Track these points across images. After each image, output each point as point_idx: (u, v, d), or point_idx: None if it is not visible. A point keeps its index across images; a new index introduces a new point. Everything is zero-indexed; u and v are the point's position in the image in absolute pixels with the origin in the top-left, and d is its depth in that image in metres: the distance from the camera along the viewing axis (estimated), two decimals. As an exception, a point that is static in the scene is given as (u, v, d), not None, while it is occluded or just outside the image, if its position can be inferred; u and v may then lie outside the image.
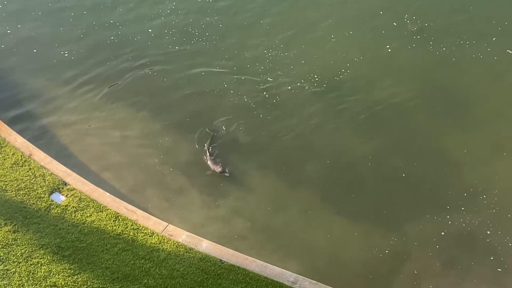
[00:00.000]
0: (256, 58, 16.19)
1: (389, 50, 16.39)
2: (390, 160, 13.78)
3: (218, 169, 13.37)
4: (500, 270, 11.68)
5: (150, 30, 16.97)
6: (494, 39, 16.52)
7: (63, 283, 10.75)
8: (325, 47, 16.51)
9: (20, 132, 13.83)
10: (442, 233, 12.30)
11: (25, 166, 12.82)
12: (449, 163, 13.67)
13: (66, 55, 16.24)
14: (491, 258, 11.84)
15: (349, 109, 14.96)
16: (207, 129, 14.35)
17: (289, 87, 15.46)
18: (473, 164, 13.65)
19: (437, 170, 13.57)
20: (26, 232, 11.55)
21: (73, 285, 10.71)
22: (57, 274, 10.89)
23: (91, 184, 12.61)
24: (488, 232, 12.30)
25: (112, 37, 16.73)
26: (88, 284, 10.76)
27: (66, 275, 10.89)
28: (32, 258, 11.13)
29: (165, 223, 11.96)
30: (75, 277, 10.86)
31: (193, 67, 16.08)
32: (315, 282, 10.99)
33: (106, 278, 10.87)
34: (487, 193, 13.00)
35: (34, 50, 16.31)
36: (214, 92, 15.42)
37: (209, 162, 13.56)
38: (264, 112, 14.93)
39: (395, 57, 16.29)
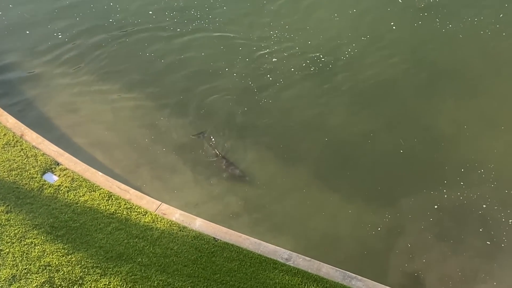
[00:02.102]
0: (254, 36, 16.50)
1: (394, 27, 16.65)
2: (385, 136, 14.06)
3: (237, 173, 13.41)
4: (489, 243, 12.01)
5: (150, 12, 17.25)
6: (501, 15, 16.77)
7: (57, 263, 11.11)
8: (329, 25, 16.77)
9: (12, 113, 14.17)
10: (435, 207, 12.66)
11: (17, 146, 13.16)
12: (445, 138, 13.95)
13: (60, 36, 16.60)
14: (485, 232, 12.19)
15: (344, 87, 15.22)
16: (200, 135, 14.24)
17: (285, 64, 15.73)
18: (469, 139, 13.93)
19: (433, 145, 13.85)
20: (19, 212, 11.90)
21: (67, 265, 11.06)
22: (51, 254, 11.24)
23: (84, 164, 12.91)
24: (484, 206, 12.65)
25: (110, 20, 17.01)
26: (82, 263, 11.10)
27: (60, 254, 11.24)
28: (26, 238, 11.48)
29: (158, 202, 12.28)
30: (69, 256, 11.23)
31: (189, 46, 16.39)
32: (309, 259, 11.34)
33: (100, 257, 11.22)
34: (485, 167, 13.32)
35: (27, 32, 16.65)
36: (208, 71, 15.70)
37: (225, 167, 13.53)
38: (258, 90, 15.17)
39: (399, 34, 16.55)
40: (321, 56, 15.90)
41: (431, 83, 15.29)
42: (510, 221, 12.21)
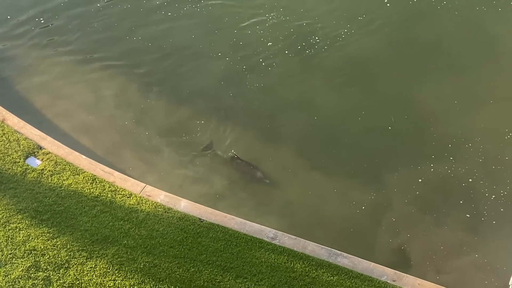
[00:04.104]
0: (239, 13, 16.87)
1: (388, 4, 16.93)
2: (372, 113, 14.45)
3: (258, 175, 13.54)
4: (472, 216, 12.50)
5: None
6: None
7: (42, 247, 11.52)
8: (317, 2, 17.20)
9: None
10: (420, 180, 13.15)
11: (-2, 131, 13.56)
12: (433, 114, 14.33)
13: (42, 21, 16.95)
14: (469, 205, 12.67)
15: (326, 65, 15.59)
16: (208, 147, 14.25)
17: (270, 42, 16.09)
18: (457, 114, 14.33)
19: (421, 121, 14.24)
20: (2, 197, 12.24)
21: (53, 249, 11.47)
22: (36, 238, 11.65)
23: (67, 147, 13.26)
24: (470, 180, 13.14)
25: (92, 9, 17.33)
26: (68, 247, 11.52)
27: (45, 238, 11.66)
28: (10, 223, 11.86)
29: (143, 184, 12.68)
30: (54, 240, 11.65)
31: (172, 26, 16.71)
32: (295, 237, 11.80)
33: (85, 241, 11.64)
34: (472, 141, 13.76)
35: (8, 17, 17.00)
36: (191, 49, 16.07)
37: (244, 169, 13.66)
38: (243, 69, 15.50)
39: (392, 10, 16.86)
40: (308, 33, 16.29)
41: (418, 60, 15.66)
42: (493, 196, 12.75)
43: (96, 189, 12.50)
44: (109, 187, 12.56)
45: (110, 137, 14.22)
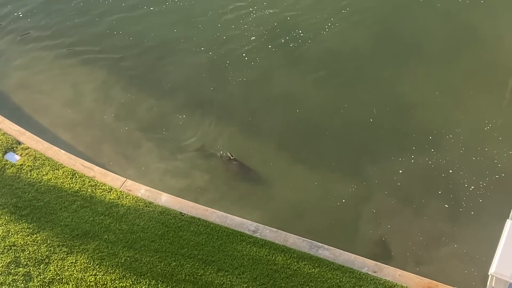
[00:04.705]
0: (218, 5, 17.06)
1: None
2: (353, 106, 14.63)
3: (251, 174, 13.65)
4: (452, 207, 12.68)
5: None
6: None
7: (22, 243, 11.56)
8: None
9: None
10: (400, 171, 13.39)
11: (-24, 126, 13.59)
12: (413, 106, 14.52)
13: (20, 15, 16.96)
14: (448, 196, 12.85)
15: (309, 58, 15.77)
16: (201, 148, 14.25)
17: (252, 38, 16.26)
18: (437, 106, 14.54)
19: (401, 114, 14.43)
20: (-19, 193, 12.39)
21: (33, 244, 11.52)
22: (16, 233, 11.68)
23: (46, 142, 13.32)
24: (450, 171, 13.35)
25: (72, 3, 17.37)
26: (48, 242, 11.58)
27: (25, 234, 11.71)
28: (-11, 219, 11.95)
29: (123, 179, 12.77)
30: (34, 236, 11.70)
31: (153, 20, 16.84)
32: (276, 230, 11.94)
33: (66, 236, 11.70)
34: (453, 133, 13.94)
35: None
36: (172, 44, 16.19)
37: (237, 169, 13.76)
38: (224, 63, 15.65)
39: (372, 2, 17.15)
40: (291, 27, 16.45)
41: (400, 52, 15.84)
42: (472, 187, 12.99)
43: (76, 184, 12.58)
44: (89, 182, 12.65)
45: (90, 132, 14.30)
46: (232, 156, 13.72)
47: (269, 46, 16.01)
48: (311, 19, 16.62)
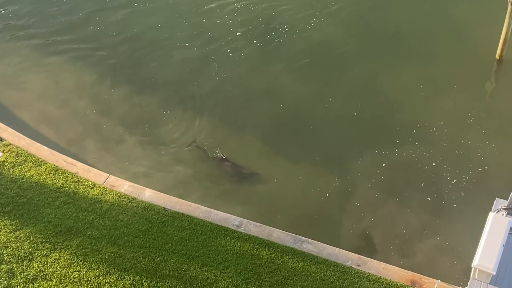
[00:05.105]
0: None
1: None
2: (336, 101, 14.73)
3: (244, 171, 13.66)
4: (434, 200, 12.84)
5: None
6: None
7: (5, 239, 11.55)
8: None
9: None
10: (383, 165, 13.52)
11: (-43, 123, 13.56)
12: (397, 100, 14.67)
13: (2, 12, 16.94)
14: (431, 189, 13.01)
15: (293, 54, 15.87)
16: (193, 144, 14.24)
17: (238, 34, 16.33)
18: (420, 99, 14.69)
19: (385, 108, 14.56)
20: (-37, 190, 12.38)
21: (16, 241, 11.52)
22: (-2, 230, 11.78)
23: (28, 139, 13.31)
24: (434, 164, 13.49)
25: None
26: (31, 239, 11.59)
27: (8, 231, 11.70)
28: (-29, 216, 11.94)
29: (106, 174, 12.80)
30: (17, 232, 11.70)
31: (137, 16, 16.89)
32: (260, 224, 12.02)
33: (49, 232, 11.73)
34: (437, 126, 14.09)
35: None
36: (156, 40, 16.23)
37: (231, 169, 13.78)
38: (208, 58, 15.73)
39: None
40: (277, 22, 16.54)
41: (384, 47, 15.99)
42: (454, 180, 13.14)
43: (58, 180, 12.59)
44: (72, 178, 12.66)
45: (72, 128, 14.30)
46: (224, 156, 13.76)
47: (254, 41, 16.09)
48: (296, 14, 16.74)
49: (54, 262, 11.33)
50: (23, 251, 11.45)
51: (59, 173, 12.70)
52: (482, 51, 15.50)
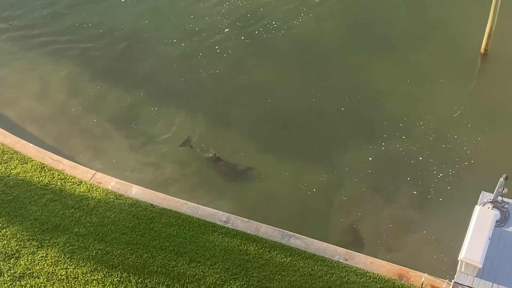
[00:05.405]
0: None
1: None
2: (323, 96, 14.82)
3: (239, 168, 13.69)
4: (420, 194, 12.95)
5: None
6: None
7: (-9, 238, 11.68)
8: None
9: None
10: (370, 159, 13.58)
11: None
12: (383, 95, 14.76)
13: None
14: (417, 183, 13.11)
15: (278, 48, 15.94)
16: (186, 143, 14.21)
17: (226, 30, 16.36)
18: (407, 94, 14.81)
19: (372, 102, 14.65)
20: None
21: (2, 239, 11.50)
22: (-15, 228, 11.75)
23: (14, 136, 13.28)
24: (420, 158, 13.60)
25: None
26: (18, 236, 11.57)
27: (-6, 229, 11.78)
28: (-43, 215, 11.91)
29: (93, 171, 12.80)
30: (4, 230, 11.67)
31: (125, 12, 16.87)
32: (247, 220, 12.07)
33: (35, 230, 11.71)
34: (423, 120, 14.19)
35: None
36: (144, 36, 16.25)
37: (225, 168, 13.79)
38: (193, 55, 15.76)
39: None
40: (265, 18, 16.58)
41: (370, 42, 16.07)
42: (441, 173, 13.25)
43: (45, 178, 12.58)
44: (58, 175, 12.66)
45: (58, 125, 14.29)
46: (217, 155, 13.80)
47: (242, 37, 16.13)
48: (284, 10, 16.77)
49: (41, 259, 11.33)
50: (9, 249, 11.45)
51: (45, 170, 12.69)
52: (467, 45, 15.65)
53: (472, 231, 10.73)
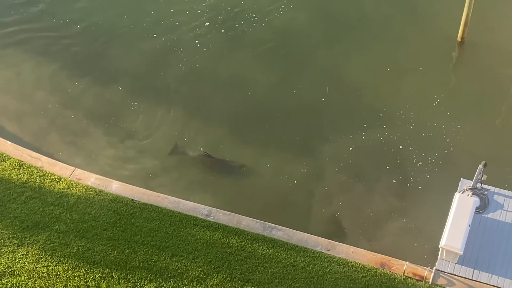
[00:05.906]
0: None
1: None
2: (303, 87, 14.88)
3: (233, 165, 13.68)
4: (400, 182, 13.08)
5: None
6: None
7: (-30, 237, 11.63)
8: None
9: None
10: (350, 148, 13.70)
11: None
12: (362, 85, 14.86)
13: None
14: (397, 172, 13.23)
15: (259, 41, 15.96)
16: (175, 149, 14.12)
17: (206, 24, 16.34)
18: (386, 83, 14.92)
19: (351, 92, 14.75)
20: None
21: (-18, 238, 11.63)
22: (-37, 228, 11.70)
23: (-10, 134, 13.38)
24: (401, 146, 13.71)
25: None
26: (-3, 235, 11.65)
27: (-27, 228, 11.73)
28: None
29: (72, 168, 12.75)
30: (-17, 229, 11.77)
31: (103, 6, 16.79)
32: (229, 213, 12.10)
33: (15, 228, 11.66)
34: (403, 108, 14.30)
35: None
36: (122, 31, 16.18)
37: (218, 165, 13.78)
38: (170, 48, 15.74)
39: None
40: (246, 11, 16.57)
41: (348, 33, 16.12)
42: (421, 162, 13.39)
43: (24, 175, 12.54)
44: (37, 172, 12.62)
45: (36, 121, 14.23)
46: (206, 153, 13.81)
47: (222, 31, 16.12)
48: (264, 2, 16.74)
49: (22, 257, 11.30)
50: (-11, 248, 11.44)
51: (23, 167, 12.65)
52: (444, 33, 15.76)
53: (452, 218, 10.88)
